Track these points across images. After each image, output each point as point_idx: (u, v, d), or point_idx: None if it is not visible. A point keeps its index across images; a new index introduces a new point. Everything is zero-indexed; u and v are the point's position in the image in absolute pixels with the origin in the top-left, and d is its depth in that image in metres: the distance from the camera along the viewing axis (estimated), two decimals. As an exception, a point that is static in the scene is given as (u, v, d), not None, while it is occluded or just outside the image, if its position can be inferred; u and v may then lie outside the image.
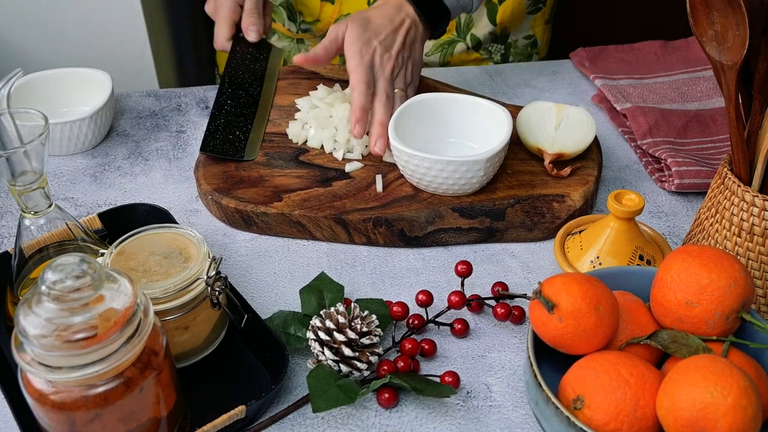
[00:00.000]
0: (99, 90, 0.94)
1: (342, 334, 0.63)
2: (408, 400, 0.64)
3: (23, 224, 0.63)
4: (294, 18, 1.09)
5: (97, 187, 0.87)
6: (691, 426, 0.50)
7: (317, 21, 1.08)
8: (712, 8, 0.59)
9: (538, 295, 0.58)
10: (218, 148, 0.85)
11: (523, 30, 1.16)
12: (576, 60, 1.11)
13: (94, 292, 0.49)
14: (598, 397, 0.54)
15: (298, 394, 0.64)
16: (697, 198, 0.86)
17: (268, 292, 0.74)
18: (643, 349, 0.59)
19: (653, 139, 0.91)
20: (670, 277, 0.59)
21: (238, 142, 0.86)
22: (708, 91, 1.02)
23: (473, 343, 0.69)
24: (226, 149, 0.85)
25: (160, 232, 0.65)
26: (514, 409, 0.63)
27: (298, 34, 1.10)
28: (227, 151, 0.85)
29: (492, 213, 0.79)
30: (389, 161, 0.85)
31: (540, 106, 0.86)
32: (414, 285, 0.75)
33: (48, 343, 0.48)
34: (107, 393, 0.51)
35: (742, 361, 0.57)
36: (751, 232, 0.64)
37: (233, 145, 0.86)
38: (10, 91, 0.60)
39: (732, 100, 0.62)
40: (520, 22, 1.15)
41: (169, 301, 0.60)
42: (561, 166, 0.84)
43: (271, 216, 0.79)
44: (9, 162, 0.57)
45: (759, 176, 0.63)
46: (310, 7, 1.09)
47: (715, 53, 0.61)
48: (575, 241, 0.75)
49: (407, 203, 0.79)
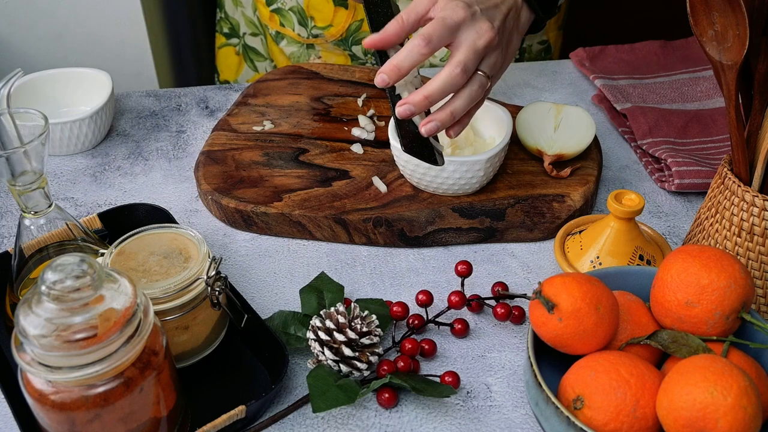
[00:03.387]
0: (99, 90, 0.94)
1: (342, 334, 0.63)
2: (408, 400, 0.64)
3: (23, 224, 0.63)
4: (305, 23, 1.09)
5: (97, 187, 0.87)
6: (691, 426, 0.50)
7: (330, 26, 1.08)
8: (712, 8, 0.59)
9: (538, 295, 0.58)
10: (416, 150, 0.70)
11: (538, 35, 1.16)
12: (576, 60, 1.11)
13: (94, 292, 0.49)
14: (598, 397, 0.54)
15: (298, 394, 0.64)
16: (697, 198, 0.86)
17: (268, 292, 0.74)
18: (643, 349, 0.59)
19: (653, 139, 0.91)
20: (670, 277, 0.59)
21: (425, 140, 0.71)
22: (708, 91, 1.02)
23: (473, 343, 0.69)
24: (422, 151, 0.71)
25: (160, 232, 0.65)
26: (514, 409, 0.63)
27: (308, 39, 1.10)
28: (423, 153, 0.71)
29: (492, 213, 0.79)
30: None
31: (539, 107, 0.86)
32: (414, 285, 0.75)
33: (48, 343, 0.48)
34: (107, 393, 0.51)
35: (742, 361, 0.57)
36: (751, 232, 0.64)
37: (426, 146, 0.71)
38: (10, 91, 0.60)
39: (732, 100, 0.62)
40: None
41: (169, 301, 0.60)
42: (561, 166, 0.84)
43: (271, 216, 0.79)
44: (9, 162, 0.57)
45: (759, 176, 0.63)
46: (323, 12, 1.08)
47: (715, 53, 0.61)
48: (575, 241, 0.75)
49: (407, 203, 0.79)
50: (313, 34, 1.09)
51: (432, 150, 0.71)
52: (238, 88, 1.05)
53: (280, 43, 1.13)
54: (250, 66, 1.22)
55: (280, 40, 1.13)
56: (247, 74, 1.23)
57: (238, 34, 1.21)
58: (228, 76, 1.25)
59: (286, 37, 1.12)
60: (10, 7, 1.16)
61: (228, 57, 1.24)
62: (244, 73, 1.23)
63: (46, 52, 1.21)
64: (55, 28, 1.20)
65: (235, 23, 1.20)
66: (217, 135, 0.90)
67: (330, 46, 1.10)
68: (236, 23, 1.20)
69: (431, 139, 0.71)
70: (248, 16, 1.18)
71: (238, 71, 1.24)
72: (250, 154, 0.86)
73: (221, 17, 1.22)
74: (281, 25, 1.11)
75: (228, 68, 1.24)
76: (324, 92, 0.97)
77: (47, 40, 1.21)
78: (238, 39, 1.21)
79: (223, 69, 1.25)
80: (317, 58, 1.12)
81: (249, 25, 1.19)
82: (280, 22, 1.11)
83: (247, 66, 1.22)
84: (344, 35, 1.08)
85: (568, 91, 1.06)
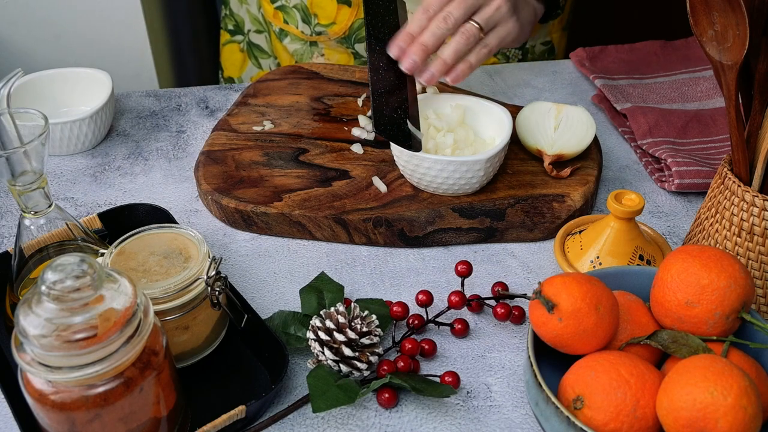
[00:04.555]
0: (99, 90, 0.94)
1: (342, 334, 0.63)
2: (408, 400, 0.64)
3: (23, 224, 0.63)
4: (308, 20, 1.09)
5: (97, 187, 0.87)
6: (691, 426, 0.50)
7: (333, 24, 1.08)
8: (712, 8, 0.59)
9: (538, 295, 0.58)
10: (387, 131, 0.77)
11: (541, 36, 1.16)
12: (576, 60, 1.11)
13: (94, 292, 0.49)
14: (598, 397, 0.54)
15: (298, 394, 0.64)
16: (697, 198, 0.86)
17: (268, 292, 0.74)
18: (643, 349, 0.59)
19: (653, 139, 0.91)
20: (670, 277, 0.59)
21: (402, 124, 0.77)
22: (708, 91, 1.02)
23: (473, 343, 0.69)
24: (394, 134, 0.77)
25: (160, 232, 0.65)
26: (514, 409, 0.63)
27: (311, 36, 1.10)
28: (396, 136, 0.77)
29: (492, 213, 0.79)
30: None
31: (539, 107, 0.86)
32: (414, 285, 0.75)
33: (48, 343, 0.48)
34: (107, 393, 0.51)
35: (742, 361, 0.57)
36: (751, 232, 0.64)
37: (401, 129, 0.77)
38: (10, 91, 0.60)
39: (732, 100, 0.62)
40: (539, 28, 1.14)
41: (169, 301, 0.60)
42: (561, 166, 0.84)
43: (271, 216, 0.79)
44: (9, 162, 0.57)
45: (759, 176, 0.63)
46: (326, 10, 1.08)
47: (715, 53, 0.61)
48: (575, 241, 0.75)
49: (407, 203, 0.79)
50: (316, 31, 1.10)
51: (408, 135, 0.74)
52: (238, 88, 1.05)
53: (283, 41, 1.13)
54: (254, 63, 1.22)
55: (283, 38, 1.13)
56: (251, 71, 1.23)
57: (242, 31, 1.21)
58: (232, 72, 1.25)
59: (290, 34, 1.12)
60: (10, 7, 1.16)
61: (232, 54, 1.24)
62: (248, 70, 1.24)
63: (46, 52, 1.21)
64: (55, 28, 1.20)
65: (239, 20, 1.21)
66: (217, 135, 0.90)
67: (333, 44, 1.10)
68: (241, 20, 1.20)
69: (410, 125, 0.72)
70: (253, 13, 1.18)
71: (242, 68, 1.24)
72: (250, 154, 0.86)
73: (226, 14, 1.23)
74: (285, 22, 1.11)
75: (232, 65, 1.25)
76: (324, 92, 0.97)
77: (47, 40, 1.21)
78: (243, 36, 1.22)
79: (228, 66, 1.25)
80: (320, 56, 1.12)
81: (253, 23, 1.19)
82: (284, 19, 1.11)
83: (251, 63, 1.23)
84: (347, 33, 1.08)
85: (568, 91, 1.06)
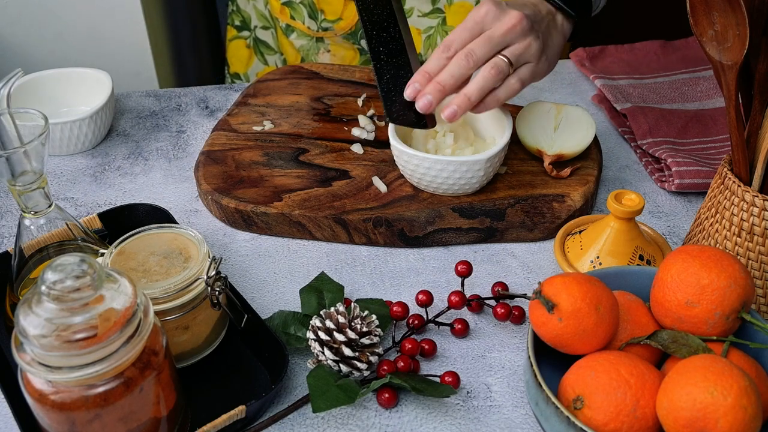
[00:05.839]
0: (99, 90, 0.94)
1: (342, 334, 0.63)
2: (408, 400, 0.64)
3: (23, 224, 0.63)
4: (315, 16, 1.09)
5: (97, 187, 0.87)
6: (691, 426, 0.50)
7: (339, 20, 1.08)
8: (712, 8, 0.59)
9: (538, 295, 0.58)
10: (400, 117, 0.77)
11: None
12: (576, 60, 1.11)
13: (94, 292, 0.49)
14: (598, 397, 0.54)
15: (298, 394, 0.64)
16: (697, 198, 0.86)
17: (268, 292, 0.74)
18: (643, 349, 0.59)
19: (653, 139, 0.91)
20: (670, 277, 0.59)
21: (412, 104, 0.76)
22: (708, 91, 1.02)
23: (473, 343, 0.69)
24: (407, 117, 0.77)
25: (160, 232, 0.65)
26: (514, 409, 0.63)
27: (318, 32, 1.10)
28: (409, 118, 0.77)
29: (492, 213, 0.79)
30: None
31: (539, 107, 0.86)
32: (414, 285, 0.75)
33: (48, 343, 0.48)
34: (107, 393, 0.51)
35: (742, 361, 0.57)
36: (751, 232, 0.64)
37: (412, 110, 0.76)
38: (10, 91, 0.60)
39: (732, 100, 0.62)
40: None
41: (169, 301, 0.60)
42: (561, 166, 0.84)
43: (271, 216, 0.79)
44: (9, 162, 0.57)
45: (759, 176, 0.63)
46: (333, 6, 1.08)
47: (715, 53, 0.61)
48: (575, 241, 0.75)
49: (407, 203, 0.79)
50: (322, 27, 1.10)
51: (420, 115, 0.75)
52: (238, 88, 1.05)
53: (290, 36, 1.13)
54: (261, 59, 1.22)
55: (290, 33, 1.13)
56: (257, 67, 1.24)
57: (249, 27, 1.21)
58: (238, 68, 1.25)
59: (296, 30, 1.13)
60: (11, 7, 1.16)
61: (239, 50, 1.24)
62: (254, 66, 1.24)
63: (46, 52, 1.21)
64: (55, 28, 1.20)
65: (246, 16, 1.21)
66: (217, 135, 0.90)
67: (339, 40, 1.10)
68: (248, 16, 1.21)
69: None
70: (259, 9, 1.18)
71: (248, 64, 1.24)
72: (250, 154, 0.86)
73: (233, 10, 1.23)
74: (291, 17, 1.11)
75: (239, 61, 1.25)
76: (324, 92, 0.97)
77: (47, 40, 1.21)
78: (249, 32, 1.22)
79: (234, 62, 1.25)
80: (326, 52, 1.12)
81: (260, 19, 1.19)
82: (290, 15, 1.11)
83: (258, 59, 1.23)
84: (353, 29, 1.08)
85: (568, 91, 1.06)
